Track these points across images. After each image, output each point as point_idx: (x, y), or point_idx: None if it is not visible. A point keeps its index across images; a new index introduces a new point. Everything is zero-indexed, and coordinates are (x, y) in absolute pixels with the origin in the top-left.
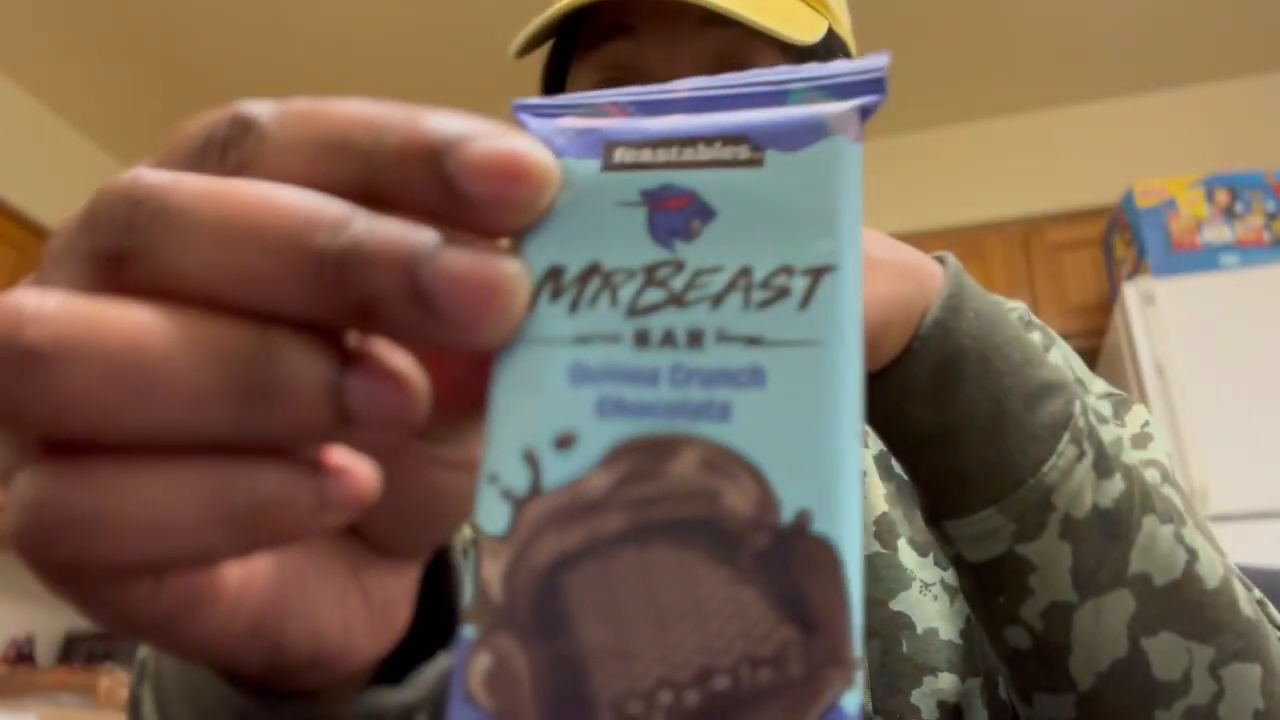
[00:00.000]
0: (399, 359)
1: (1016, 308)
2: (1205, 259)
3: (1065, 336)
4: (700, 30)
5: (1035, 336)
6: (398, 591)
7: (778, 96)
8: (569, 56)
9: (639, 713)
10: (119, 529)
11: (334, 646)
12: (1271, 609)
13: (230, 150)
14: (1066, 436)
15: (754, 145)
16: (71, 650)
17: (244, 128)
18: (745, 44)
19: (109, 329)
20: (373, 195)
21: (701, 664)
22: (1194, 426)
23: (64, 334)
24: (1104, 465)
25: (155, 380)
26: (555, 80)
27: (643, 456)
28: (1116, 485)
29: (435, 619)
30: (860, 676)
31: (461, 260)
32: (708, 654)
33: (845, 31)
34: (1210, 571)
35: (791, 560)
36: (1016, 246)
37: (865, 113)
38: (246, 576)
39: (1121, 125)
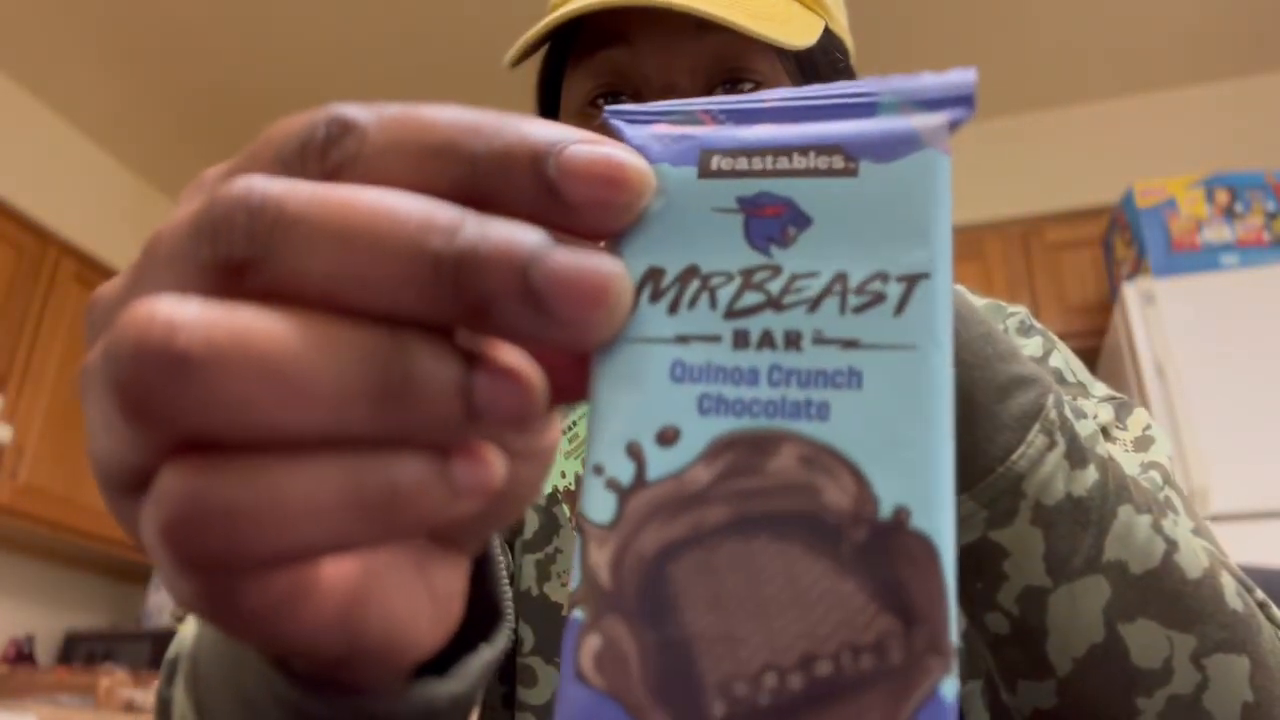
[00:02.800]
0: (516, 357)
1: (1017, 312)
2: (1205, 259)
3: (1065, 336)
4: (695, 36)
5: (1036, 340)
6: (456, 584)
7: (867, 108)
8: (563, 65)
9: (744, 694)
10: (268, 520)
11: (404, 638)
12: (1274, 610)
13: (330, 152)
14: (1037, 427)
15: (848, 155)
16: (71, 650)
17: (343, 129)
18: (741, 48)
19: (256, 334)
20: (474, 198)
21: (804, 650)
22: (1194, 426)
23: (215, 340)
24: (1077, 455)
25: (304, 382)
26: (550, 88)
27: (743, 452)
28: (1090, 475)
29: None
30: (957, 666)
31: (571, 261)
32: (810, 640)
33: (843, 30)
34: (1192, 563)
35: (890, 554)
36: (1016, 246)
37: (953, 126)
38: (336, 568)
39: (1121, 125)
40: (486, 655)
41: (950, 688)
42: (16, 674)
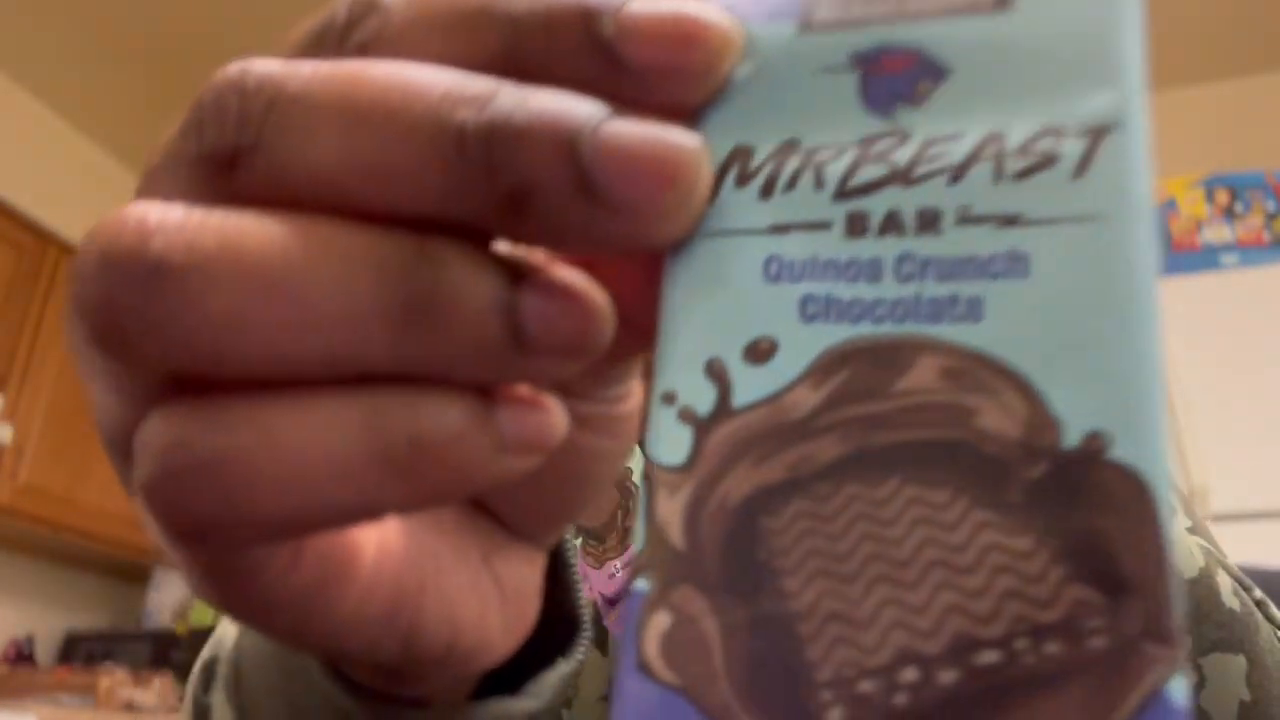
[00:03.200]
0: (571, 273)
1: None
2: (1205, 259)
3: None
4: None
5: None
6: (528, 581)
7: None
8: None
9: (873, 693)
10: (264, 472)
11: (468, 638)
12: (1272, 608)
13: (351, 34)
14: None
15: None
16: (71, 650)
17: (366, 8)
18: None
19: (250, 239)
20: (520, 73)
21: (958, 632)
22: (1194, 426)
23: (198, 245)
24: None
25: (304, 296)
26: None
27: (863, 367)
28: None
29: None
30: (1185, 656)
31: (631, 132)
32: (967, 619)
33: None
34: (1187, 562)
35: (1082, 496)
36: None
37: None
38: (381, 551)
39: None
40: (564, 670)
41: (1181, 687)
42: (16, 674)
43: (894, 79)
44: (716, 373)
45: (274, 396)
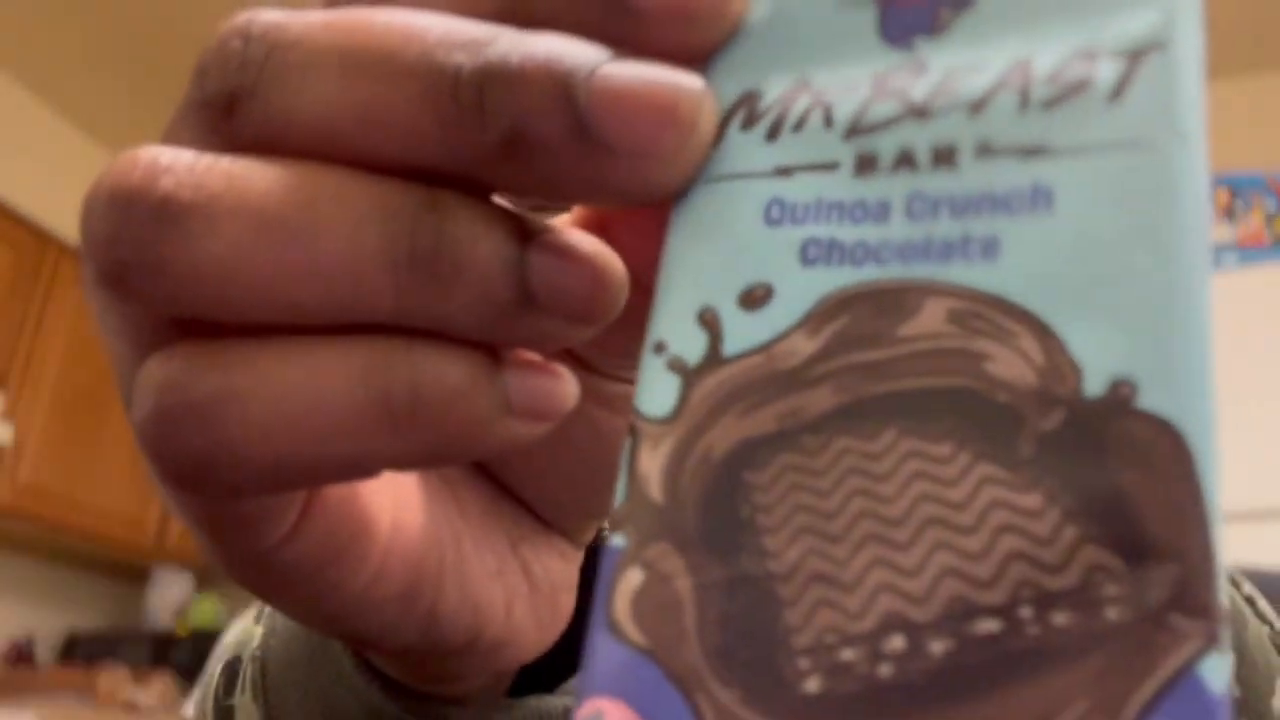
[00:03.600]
0: (583, 236)
1: None
2: None
3: None
4: None
5: None
6: (560, 574)
7: None
8: None
9: (855, 662)
10: (257, 415)
11: (493, 629)
12: (1262, 604)
13: None
14: None
15: None
16: (71, 650)
17: None
18: None
19: (257, 182)
20: (524, 20)
21: (954, 597)
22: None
23: (207, 185)
24: None
25: (309, 242)
26: None
27: (864, 313)
28: None
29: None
30: (1227, 634)
31: (627, 73)
32: (965, 583)
33: None
34: None
35: (1103, 450)
36: None
37: None
38: (397, 528)
39: None
40: None
41: (1216, 670)
42: (16, 674)
43: (913, 9)
44: (708, 321)
45: (274, 341)
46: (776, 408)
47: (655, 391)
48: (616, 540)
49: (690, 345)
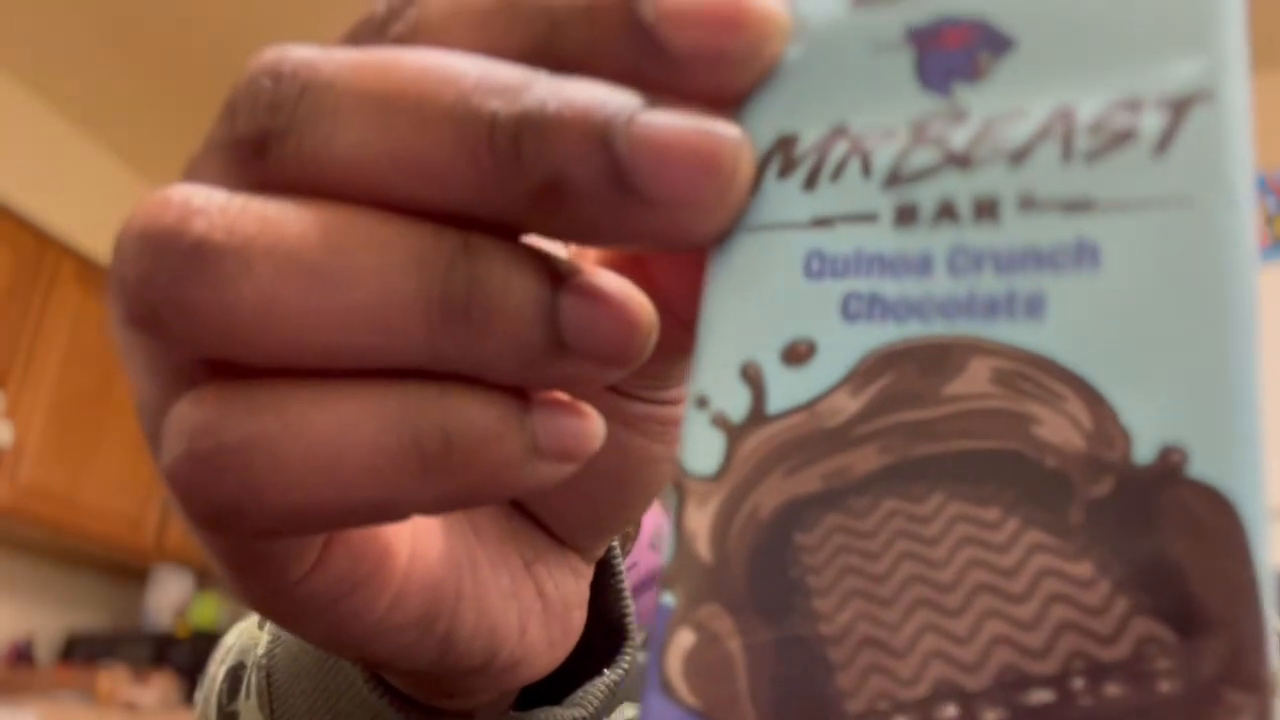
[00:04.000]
0: (615, 279)
1: None
2: None
3: None
4: None
5: None
6: (573, 592)
7: None
8: None
9: (914, 711)
10: (289, 461)
11: (509, 649)
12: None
13: (390, 25)
14: None
15: None
16: (71, 650)
17: (405, 1)
18: None
19: (290, 225)
20: (556, 61)
21: (1007, 666)
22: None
23: (240, 228)
24: None
25: (342, 286)
26: None
27: (908, 371)
28: None
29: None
30: (1275, 705)
31: (667, 123)
32: (1017, 652)
33: None
34: None
35: (1154, 518)
36: None
37: None
38: (415, 555)
39: None
40: (610, 679)
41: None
42: (16, 674)
43: (952, 53)
44: (751, 376)
45: (305, 385)
46: (822, 467)
47: (700, 448)
48: (667, 599)
49: (733, 401)
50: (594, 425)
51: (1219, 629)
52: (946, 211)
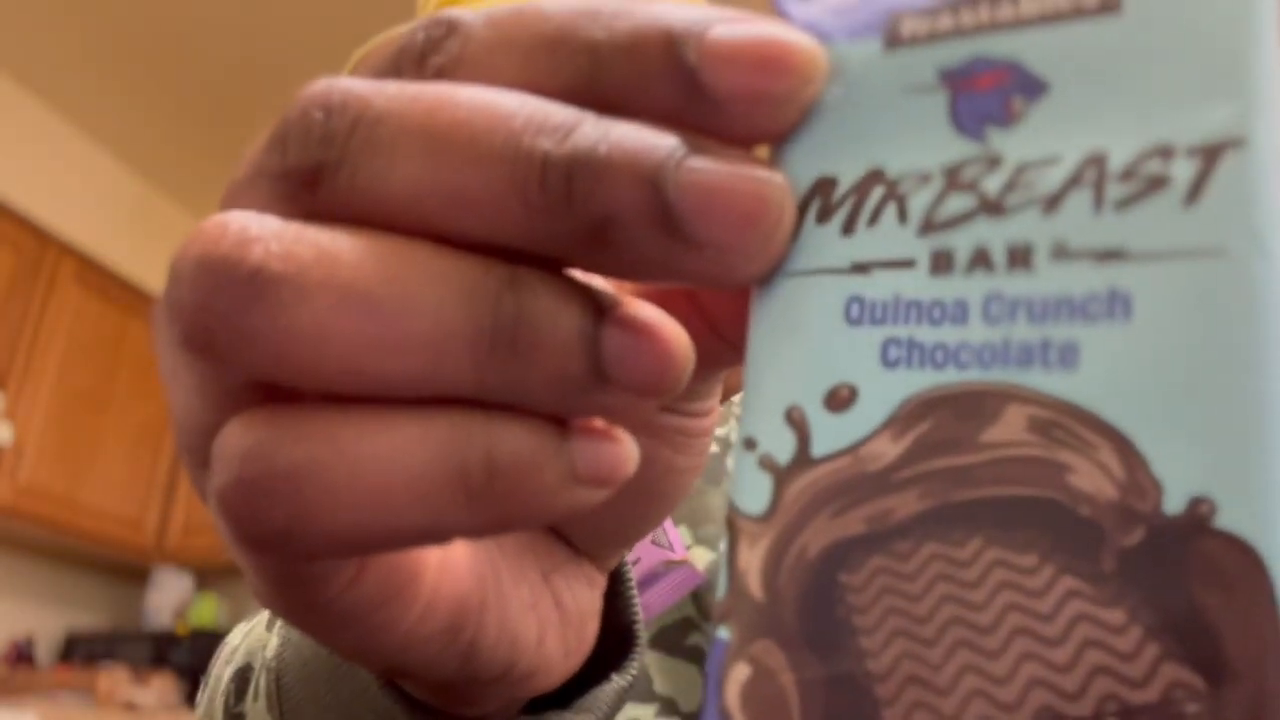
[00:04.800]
0: (654, 311)
1: None
2: None
3: None
4: None
5: None
6: (589, 602)
7: None
8: None
9: None
10: (343, 486)
11: (527, 658)
12: None
13: (431, 57)
14: None
15: None
16: (71, 650)
17: (447, 30)
18: None
19: (343, 254)
20: (599, 99)
21: (1043, 706)
22: None
23: (296, 256)
24: None
25: (395, 316)
26: None
27: (946, 417)
28: None
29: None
30: None
31: (715, 170)
32: (1053, 694)
33: None
34: None
35: (1183, 568)
36: None
37: None
38: (443, 568)
39: None
40: (618, 684)
41: None
42: (16, 674)
43: (985, 96)
44: (796, 421)
45: (355, 413)
46: (866, 510)
47: (750, 489)
48: (723, 633)
49: (780, 444)
50: (629, 450)
51: (1246, 679)
52: (981, 259)
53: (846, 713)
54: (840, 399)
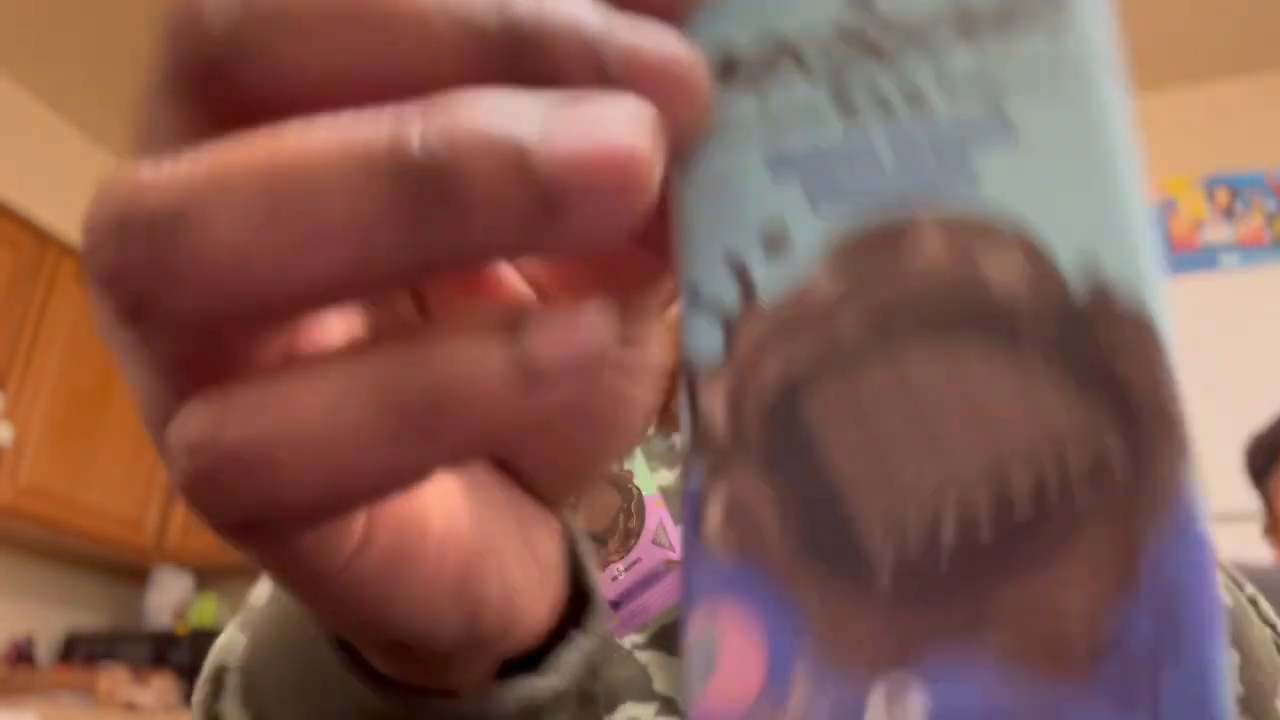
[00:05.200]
0: (600, 114)
1: None
2: (1205, 259)
3: None
4: None
5: None
6: (554, 549)
7: None
8: None
9: (921, 537)
10: (286, 460)
11: (522, 610)
12: (1264, 606)
13: None
14: None
15: None
16: (71, 650)
17: None
18: None
19: (235, 164)
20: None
21: (995, 475)
22: (1193, 426)
23: (189, 185)
24: None
25: (306, 208)
26: None
27: (873, 249)
28: None
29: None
30: (1194, 455)
31: (641, 43)
32: (1004, 462)
33: None
34: None
35: (1092, 338)
36: None
37: None
38: (448, 525)
39: None
40: (585, 645)
41: (1198, 492)
42: (16, 674)
43: None
44: (736, 266)
45: (285, 378)
46: (815, 341)
47: (700, 337)
48: (693, 475)
49: (724, 291)
50: (601, 322)
51: (1150, 413)
52: (880, 103)
53: (821, 518)
54: (775, 243)
